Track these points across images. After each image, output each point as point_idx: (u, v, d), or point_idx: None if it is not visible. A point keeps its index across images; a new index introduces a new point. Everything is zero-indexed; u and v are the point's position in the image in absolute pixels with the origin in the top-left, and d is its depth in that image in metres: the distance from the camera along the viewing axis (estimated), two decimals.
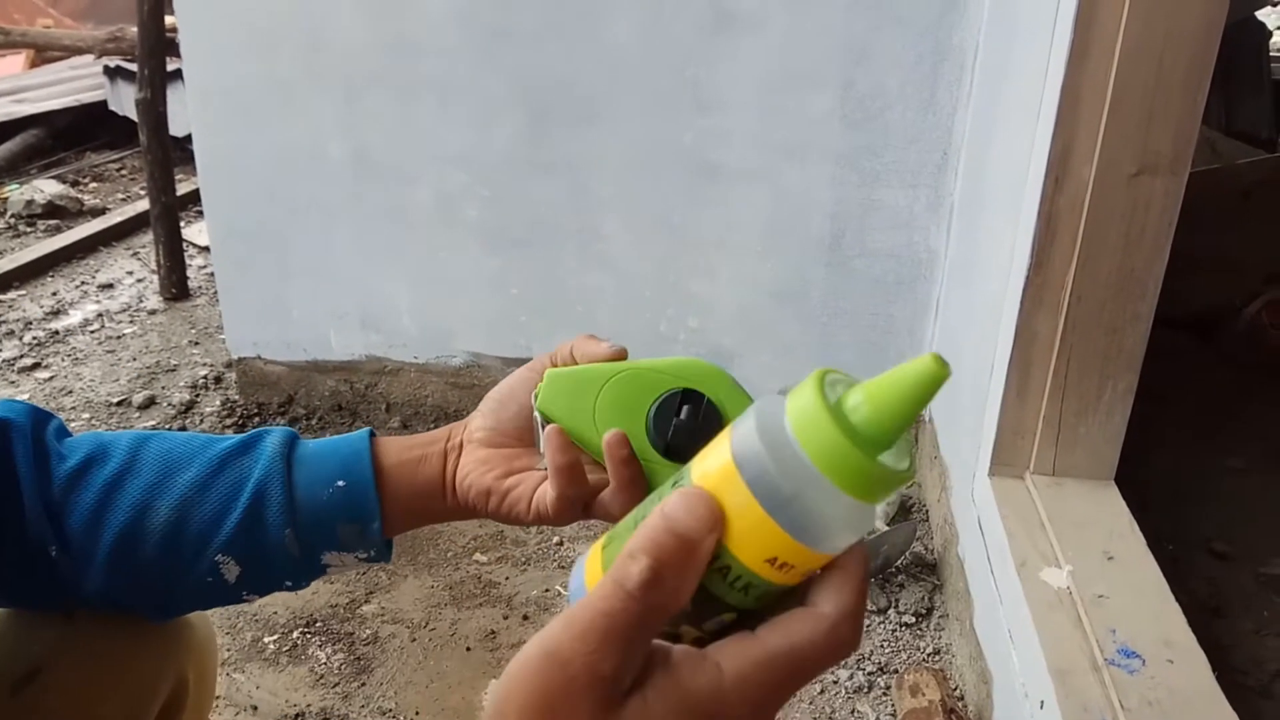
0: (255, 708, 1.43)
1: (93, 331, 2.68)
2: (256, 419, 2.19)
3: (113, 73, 4.47)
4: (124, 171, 4.30)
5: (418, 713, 1.43)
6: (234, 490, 0.62)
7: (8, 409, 0.63)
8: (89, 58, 4.87)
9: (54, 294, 2.92)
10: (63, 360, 2.50)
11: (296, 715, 1.42)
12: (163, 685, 0.73)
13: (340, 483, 0.63)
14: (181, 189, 3.02)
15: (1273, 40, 4.01)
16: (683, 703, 0.36)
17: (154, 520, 0.61)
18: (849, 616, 0.38)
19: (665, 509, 0.37)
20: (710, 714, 0.36)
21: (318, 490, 0.63)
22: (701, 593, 0.38)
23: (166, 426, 2.16)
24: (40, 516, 0.61)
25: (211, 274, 2.87)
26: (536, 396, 0.61)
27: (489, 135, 1.90)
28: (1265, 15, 4.42)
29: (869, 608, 1.58)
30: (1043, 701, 1.02)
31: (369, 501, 0.63)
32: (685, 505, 0.36)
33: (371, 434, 0.67)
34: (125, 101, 4.38)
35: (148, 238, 3.15)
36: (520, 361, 2.07)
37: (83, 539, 0.61)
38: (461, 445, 0.66)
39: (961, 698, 1.40)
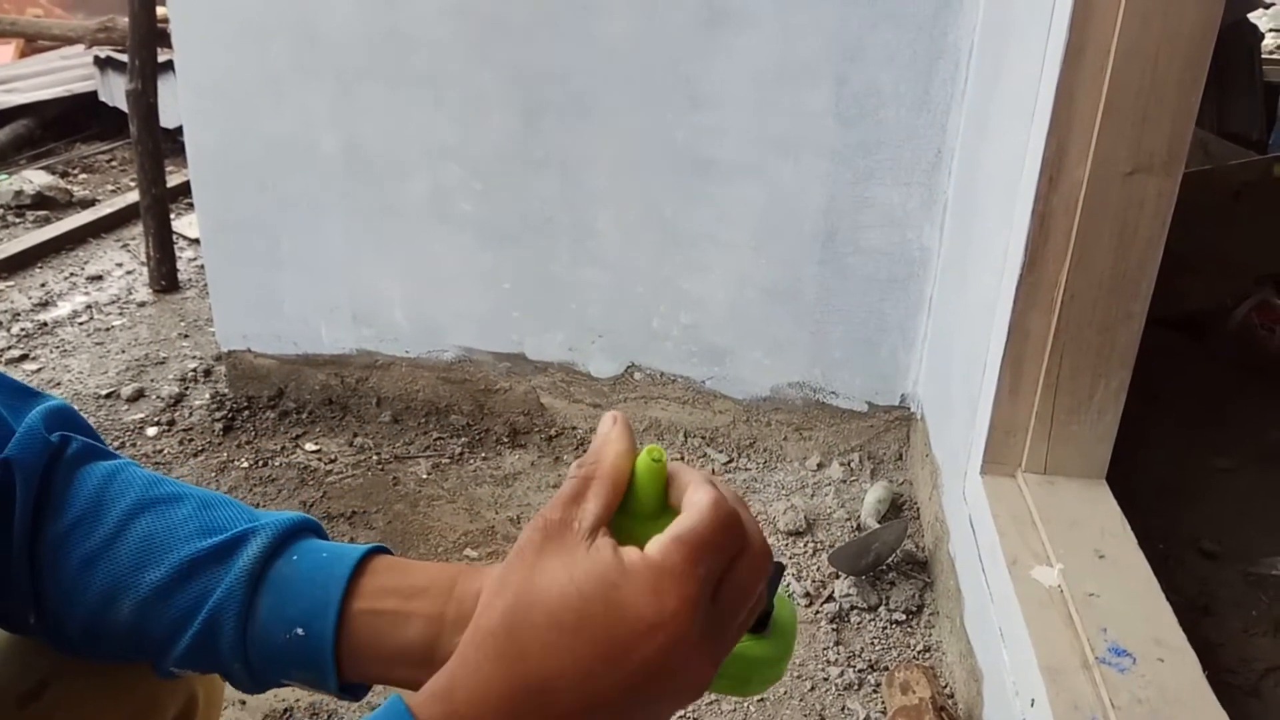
0: (243, 703, 1.42)
1: (81, 323, 2.66)
2: (246, 412, 2.18)
3: (103, 63, 4.44)
4: (114, 163, 4.27)
5: None
6: (193, 607, 0.57)
7: (24, 441, 0.58)
8: (79, 48, 4.84)
9: (42, 285, 2.90)
10: (51, 352, 2.49)
11: (285, 711, 1.41)
12: (171, 702, 0.71)
13: (299, 630, 0.56)
14: (172, 181, 3.00)
15: (1264, 42, 4.03)
16: (613, 562, 0.47)
17: (117, 615, 0.57)
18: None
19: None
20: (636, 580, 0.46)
21: (275, 631, 0.57)
22: None
23: (155, 419, 2.15)
24: (25, 580, 0.57)
25: (201, 266, 2.85)
26: None
27: (482, 129, 1.90)
28: (1257, 18, 4.44)
29: (860, 604, 1.59)
30: (1033, 699, 1.02)
31: (323, 661, 0.57)
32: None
33: (364, 558, 0.59)
34: (116, 92, 4.36)
35: (137, 229, 3.13)
36: (512, 357, 2.09)
37: (56, 615, 0.58)
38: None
39: (951, 695, 1.40)
